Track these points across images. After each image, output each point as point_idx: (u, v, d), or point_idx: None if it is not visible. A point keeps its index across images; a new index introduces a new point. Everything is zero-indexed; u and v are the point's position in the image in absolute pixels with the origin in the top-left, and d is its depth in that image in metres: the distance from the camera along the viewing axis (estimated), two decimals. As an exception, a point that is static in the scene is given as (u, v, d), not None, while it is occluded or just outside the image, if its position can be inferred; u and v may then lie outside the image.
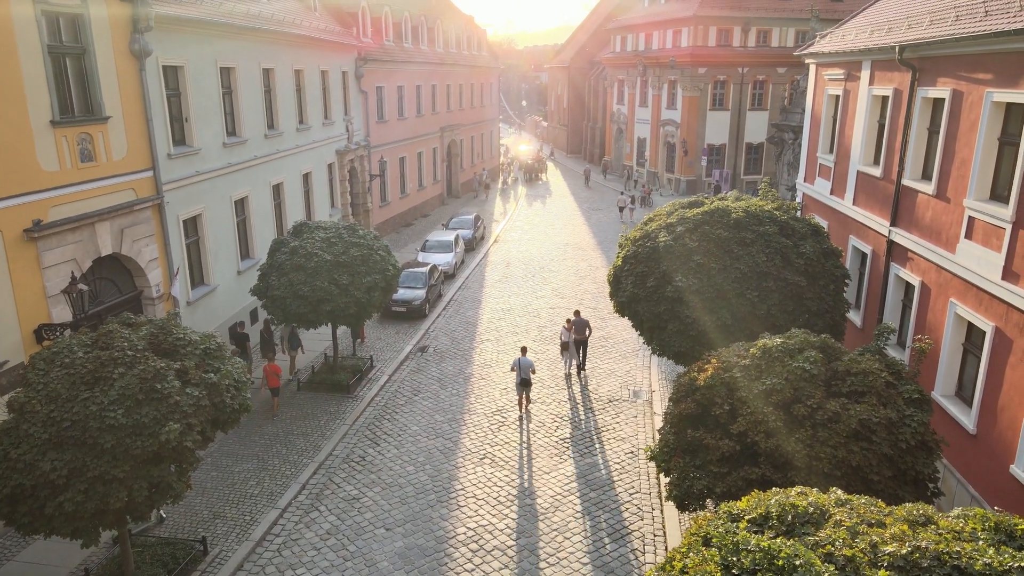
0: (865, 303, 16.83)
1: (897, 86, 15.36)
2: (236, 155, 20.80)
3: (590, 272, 31.26)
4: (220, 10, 19.38)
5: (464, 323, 24.96)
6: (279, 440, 16.54)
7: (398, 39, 38.85)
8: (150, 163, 16.33)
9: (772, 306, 13.82)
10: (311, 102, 27.11)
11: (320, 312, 17.41)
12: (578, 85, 72.50)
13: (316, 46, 27.31)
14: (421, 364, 21.33)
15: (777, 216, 14.94)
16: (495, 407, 18.44)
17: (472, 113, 52.51)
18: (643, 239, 15.41)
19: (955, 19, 12.88)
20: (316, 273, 17.37)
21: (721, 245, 14.27)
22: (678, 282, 14.08)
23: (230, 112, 20.80)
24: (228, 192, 20.35)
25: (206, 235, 19.13)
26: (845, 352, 9.94)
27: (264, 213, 22.94)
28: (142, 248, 16.13)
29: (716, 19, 48.13)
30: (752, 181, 51.24)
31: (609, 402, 18.81)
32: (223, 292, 20.01)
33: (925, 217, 13.91)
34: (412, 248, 34.47)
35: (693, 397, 10.08)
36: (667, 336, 14.58)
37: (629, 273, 15.34)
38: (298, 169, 25.88)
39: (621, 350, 22.36)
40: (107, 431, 8.95)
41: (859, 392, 9.24)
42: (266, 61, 22.89)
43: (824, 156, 19.96)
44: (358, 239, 18.56)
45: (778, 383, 9.25)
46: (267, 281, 17.83)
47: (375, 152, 35.20)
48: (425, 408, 18.39)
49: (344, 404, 18.50)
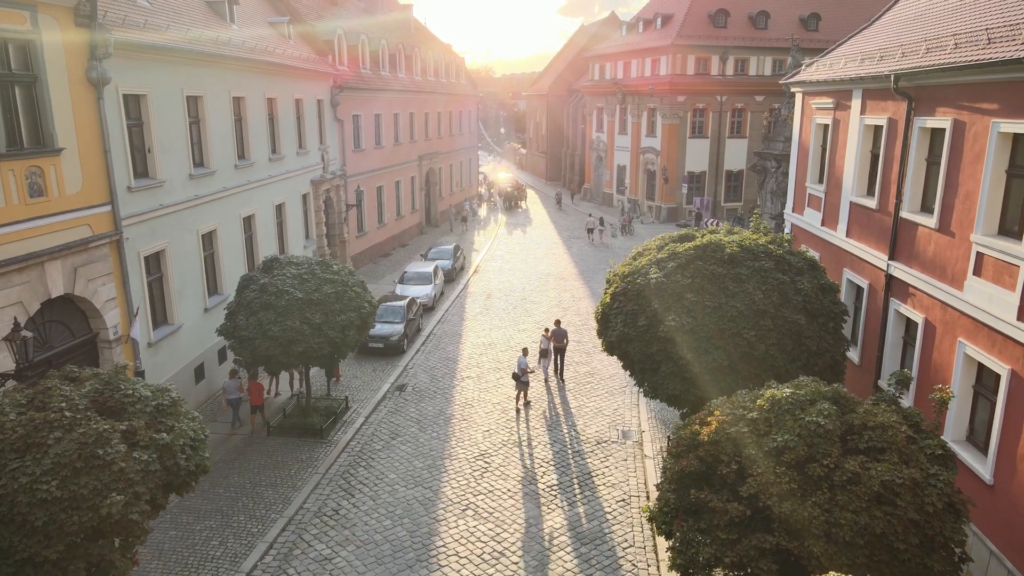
0: (863, 339, 16.17)
1: (892, 115, 14.86)
2: (204, 187, 19.82)
3: (573, 303, 30.48)
4: (187, 37, 18.53)
5: (444, 359, 23.98)
6: (245, 492, 15.38)
7: (375, 67, 38.24)
8: (108, 197, 15.31)
9: (770, 346, 13.09)
10: (284, 131, 26.25)
11: (291, 353, 16.37)
12: (556, 113, 72.50)
13: (290, 74, 26.54)
14: (399, 404, 20.28)
15: (772, 250, 14.28)
16: (477, 451, 17.43)
17: (450, 141, 51.97)
18: (633, 275, 14.65)
19: (954, 47, 12.40)
20: (287, 312, 16.37)
21: (715, 282, 13.54)
22: (671, 321, 13.31)
23: (197, 142, 19.85)
24: (195, 225, 19.33)
25: (170, 271, 18.05)
26: (859, 402, 9.16)
27: (234, 247, 21.91)
28: (98, 288, 15.03)
29: (694, 48, 48.27)
30: (732, 208, 51.15)
31: (597, 444, 17.89)
32: (188, 331, 18.88)
33: (927, 251, 13.31)
34: (390, 279, 33.51)
35: (696, 453, 9.21)
36: (660, 378, 13.78)
37: (618, 311, 14.55)
38: (271, 200, 24.91)
39: (608, 386, 21.50)
40: (38, 506, 7.87)
41: (878, 448, 8.44)
42: (236, 89, 22.03)
43: (813, 186, 19.45)
44: (332, 275, 17.61)
45: (791, 440, 8.43)
46: (234, 320, 16.78)
47: (352, 181, 34.35)
48: (403, 453, 17.33)
49: (317, 450, 17.38)
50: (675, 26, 48.97)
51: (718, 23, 49.03)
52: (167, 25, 17.68)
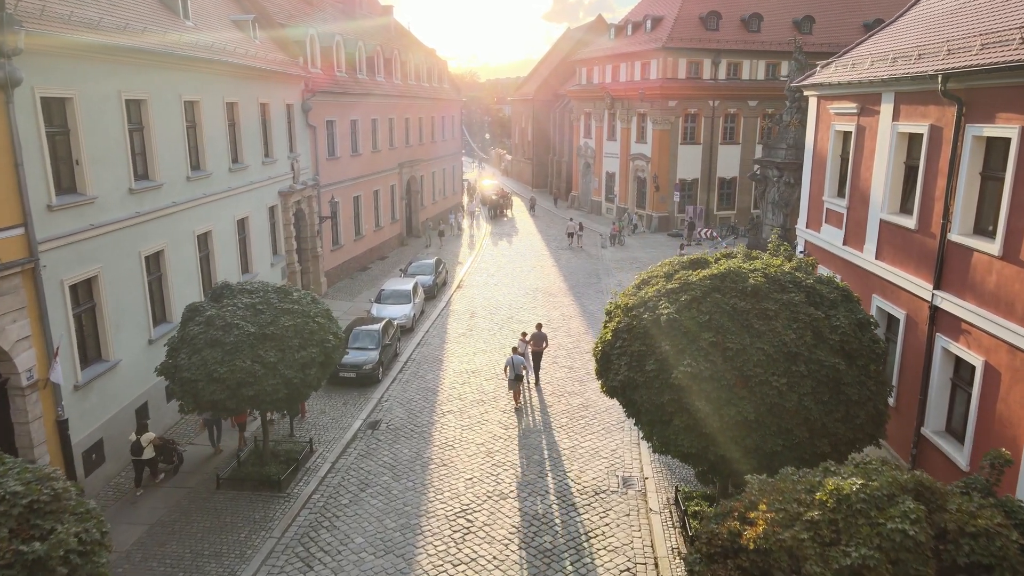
0: (898, 379, 14.15)
1: (935, 122, 12.88)
2: (147, 202, 17.51)
3: (563, 323, 28.35)
4: (124, 33, 16.25)
5: (423, 389, 21.74)
6: (183, 566, 13.05)
7: (351, 70, 36.00)
8: (21, 218, 12.99)
9: (804, 395, 11.03)
10: (248, 138, 23.96)
11: (240, 398, 14.09)
12: (542, 118, 70.52)
13: (254, 76, 24.27)
14: (371, 446, 18.02)
15: (800, 279, 12.22)
16: (459, 505, 15.23)
17: (433, 147, 49.77)
18: (638, 308, 12.52)
19: (1022, 41, 10.42)
20: (236, 350, 14.10)
21: (737, 319, 11.46)
22: (685, 367, 11.20)
23: (140, 152, 17.54)
24: (136, 247, 17.01)
25: (104, 301, 15.72)
26: (948, 495, 7.08)
27: (186, 269, 19.58)
28: (6, 326, 12.70)
29: (685, 51, 46.44)
30: (725, 217, 49.36)
31: (595, 495, 15.74)
32: (128, 368, 16.54)
33: (987, 282, 11.30)
34: (367, 296, 31.21)
35: (737, 562, 7.09)
36: (672, 432, 11.65)
37: (622, 352, 12.42)
38: (231, 215, 22.60)
39: (603, 422, 19.38)
40: None
41: (984, 566, 6.36)
42: (190, 93, 19.74)
43: (833, 200, 17.47)
44: (291, 304, 15.36)
45: (871, 556, 6.33)
46: (176, 359, 14.50)
47: (325, 191, 32.06)
48: (373, 510, 15.08)
49: (273, 506, 15.10)
50: (665, 29, 47.13)
51: (710, 25, 47.27)
52: (99, 19, 15.38)
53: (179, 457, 16.60)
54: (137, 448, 15.44)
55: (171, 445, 16.28)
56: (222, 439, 17.63)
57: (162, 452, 16.03)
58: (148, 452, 15.58)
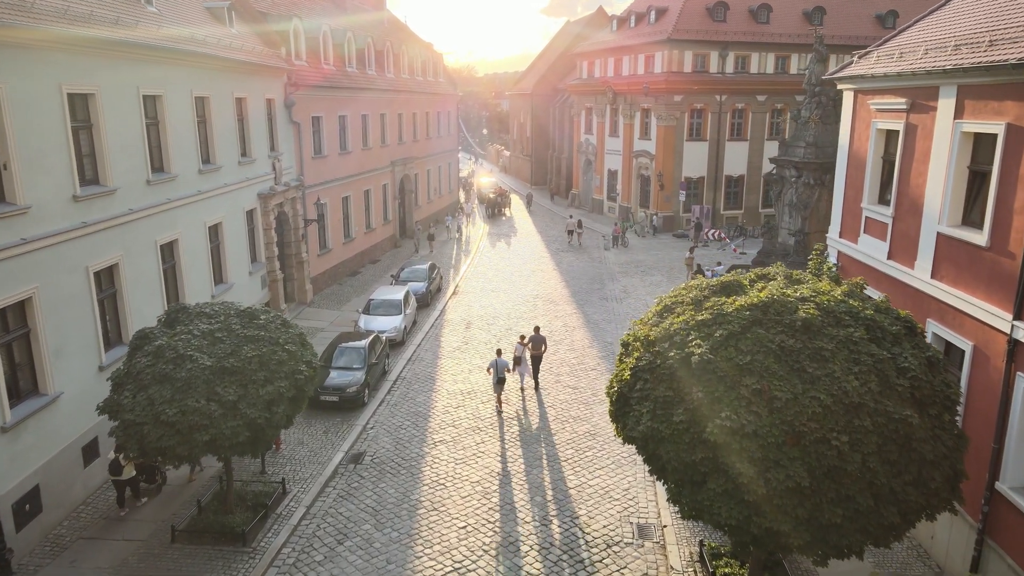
0: (962, 423, 12.11)
1: (1013, 120, 10.84)
2: (97, 210, 15.44)
3: (566, 334, 26.32)
4: (66, 17, 14.14)
5: (412, 414, 19.70)
6: (124, 646, 11.05)
7: (340, 63, 33.85)
8: (-73, 234, 10.94)
9: (868, 455, 9.02)
10: (221, 137, 21.87)
11: (194, 444, 12.02)
12: (541, 113, 68.34)
13: (229, 68, 22.16)
14: (352, 484, 16.00)
15: (857, 309, 10.19)
16: (450, 563, 13.20)
17: (428, 144, 47.62)
18: (662, 342, 10.49)
19: None
20: (189, 387, 12.05)
21: (787, 361, 9.42)
22: (723, 419, 9.19)
23: (88, 153, 15.46)
24: (83, 261, 14.94)
25: (41, 325, 13.64)
26: None
27: (147, 282, 17.52)
28: (-93, 364, 10.65)
29: (691, 44, 44.32)
30: (732, 217, 47.34)
31: (607, 547, 13.73)
32: (72, 401, 14.46)
33: (1090, 317, 9.29)
34: (355, 306, 29.13)
35: None
36: (706, 498, 9.63)
37: (643, 396, 10.37)
38: (201, 221, 20.52)
39: (613, 454, 17.38)
40: None
41: None
42: (150, 86, 17.65)
43: (874, 208, 15.44)
44: (255, 330, 13.29)
45: None
46: (120, 395, 12.45)
47: (311, 192, 29.97)
48: (351, 568, 13.04)
49: (236, 564, 13.06)
50: (670, 20, 44.98)
51: (716, 16, 45.13)
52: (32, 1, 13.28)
53: (163, 477, 15.35)
54: (116, 467, 14.05)
55: (154, 463, 14.55)
56: (198, 469, 15.95)
57: (144, 471, 14.67)
58: (128, 471, 14.20)
